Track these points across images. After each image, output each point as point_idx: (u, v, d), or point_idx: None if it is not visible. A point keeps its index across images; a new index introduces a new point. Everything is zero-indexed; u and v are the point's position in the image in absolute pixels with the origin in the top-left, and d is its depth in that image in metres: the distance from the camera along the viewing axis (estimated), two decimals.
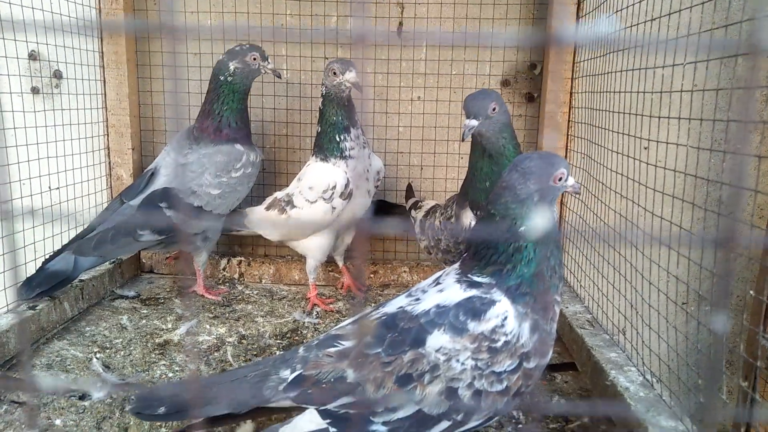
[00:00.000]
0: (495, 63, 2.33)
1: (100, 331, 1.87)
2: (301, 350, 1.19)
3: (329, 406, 1.09)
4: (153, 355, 1.73)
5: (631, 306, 1.55)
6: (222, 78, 2.03)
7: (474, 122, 1.62)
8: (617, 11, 1.83)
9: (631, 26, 1.76)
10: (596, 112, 1.96)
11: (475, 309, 1.08)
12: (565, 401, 1.55)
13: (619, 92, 1.81)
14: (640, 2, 1.69)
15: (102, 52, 2.21)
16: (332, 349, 1.14)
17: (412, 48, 2.32)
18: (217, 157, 2.03)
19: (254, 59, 2.02)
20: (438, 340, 1.06)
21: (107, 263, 2.18)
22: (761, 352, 1.71)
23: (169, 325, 1.95)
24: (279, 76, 2.11)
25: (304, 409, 1.14)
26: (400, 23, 2.31)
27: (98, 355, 1.70)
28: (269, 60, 2.05)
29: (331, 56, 2.33)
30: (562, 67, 2.17)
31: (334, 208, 1.99)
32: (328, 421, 1.09)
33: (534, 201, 1.12)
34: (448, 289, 1.14)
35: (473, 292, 1.11)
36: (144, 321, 1.96)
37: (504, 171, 1.19)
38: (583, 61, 2.09)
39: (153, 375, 1.62)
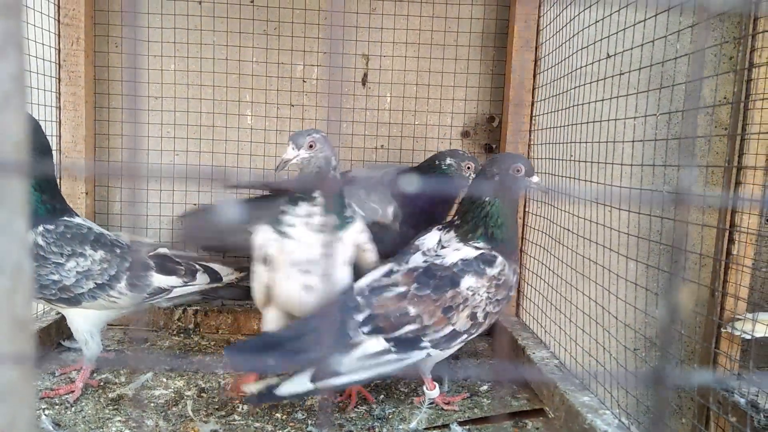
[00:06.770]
0: (456, 115, 2.40)
1: (48, 386, 1.73)
2: (359, 299, 1.54)
3: (396, 334, 1.49)
4: (107, 411, 1.61)
5: (603, 348, 1.58)
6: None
7: None
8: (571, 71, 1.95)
9: (581, 85, 1.88)
10: (554, 162, 2.05)
11: (487, 260, 1.60)
12: None
13: (573, 143, 1.92)
14: (590, 64, 1.82)
15: (59, 93, 2.13)
16: (389, 294, 1.54)
17: (377, 98, 2.37)
18: None
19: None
20: (469, 281, 1.56)
21: (53, 313, 2.04)
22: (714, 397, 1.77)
23: (122, 379, 1.82)
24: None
25: None
26: (365, 74, 2.37)
27: (47, 412, 1.57)
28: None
29: (297, 104, 2.35)
30: (520, 119, 2.26)
31: None
32: (391, 343, 1.49)
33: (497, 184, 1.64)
34: (462, 249, 1.62)
35: (481, 251, 1.61)
36: (94, 374, 1.83)
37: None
38: (540, 115, 2.20)
39: None
